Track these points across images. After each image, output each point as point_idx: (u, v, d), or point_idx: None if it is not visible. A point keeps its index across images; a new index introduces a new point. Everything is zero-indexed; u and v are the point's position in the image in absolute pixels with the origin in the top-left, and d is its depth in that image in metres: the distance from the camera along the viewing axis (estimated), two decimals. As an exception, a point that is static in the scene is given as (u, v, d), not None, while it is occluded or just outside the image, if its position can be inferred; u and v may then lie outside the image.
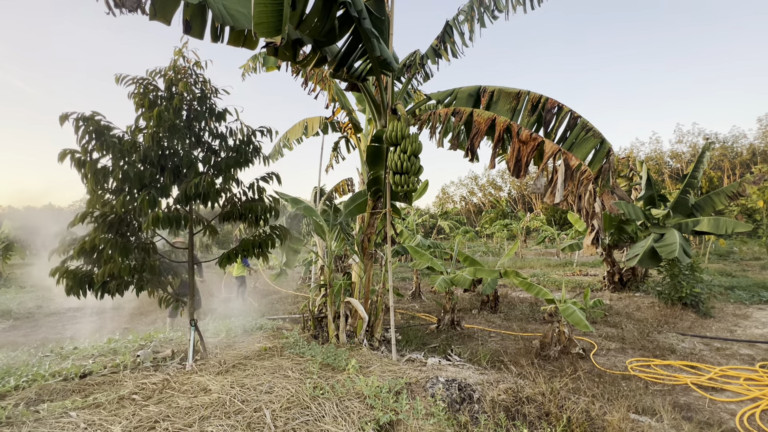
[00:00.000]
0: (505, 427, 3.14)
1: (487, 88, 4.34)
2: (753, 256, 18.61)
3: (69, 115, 3.90)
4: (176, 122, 4.47)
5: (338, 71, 3.90)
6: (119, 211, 4.12)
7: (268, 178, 5.14)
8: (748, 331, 6.86)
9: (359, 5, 2.82)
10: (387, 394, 3.65)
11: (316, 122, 8.08)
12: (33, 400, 3.66)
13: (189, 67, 4.77)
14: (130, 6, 2.42)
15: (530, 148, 3.48)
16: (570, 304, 5.53)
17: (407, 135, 4.21)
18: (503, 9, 4.29)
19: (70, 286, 4.20)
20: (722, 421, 3.82)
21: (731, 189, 8.82)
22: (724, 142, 40.33)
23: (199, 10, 2.98)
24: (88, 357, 5.01)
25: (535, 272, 15.62)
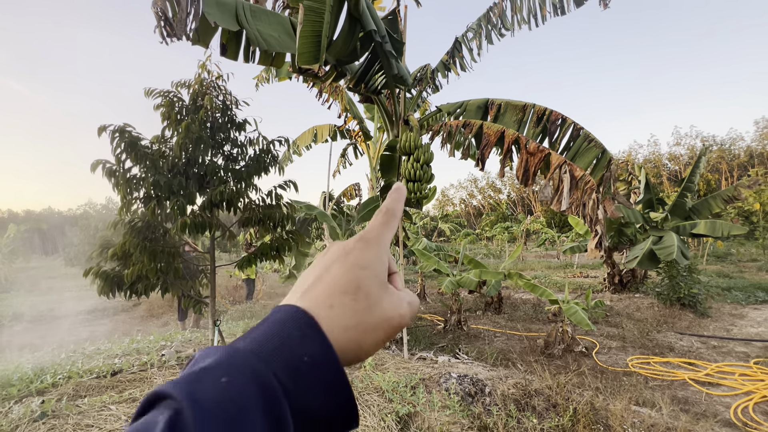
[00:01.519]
0: (515, 417, 3.39)
1: (495, 100, 4.61)
2: (750, 258, 18.91)
3: (107, 127, 4.16)
4: (202, 134, 4.74)
5: (357, 86, 4.17)
6: (151, 217, 4.38)
7: (285, 186, 5.41)
8: (744, 330, 7.12)
9: (382, 31, 3.09)
10: (404, 389, 3.90)
11: (326, 130, 8.37)
12: (71, 395, 3.90)
13: (213, 80, 5.05)
14: (179, 35, 2.69)
15: (537, 159, 3.76)
16: (573, 305, 5.79)
17: (420, 145, 4.48)
18: (510, 27, 4.57)
19: (102, 286, 4.46)
20: (718, 413, 4.07)
21: (727, 193, 9.11)
22: (721, 144, 40.72)
23: (235, 35, 3.25)
24: (114, 356, 5.25)
25: (536, 274, 15.87)
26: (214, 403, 0.23)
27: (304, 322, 0.30)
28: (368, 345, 0.32)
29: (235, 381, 0.24)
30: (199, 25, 2.96)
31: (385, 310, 0.34)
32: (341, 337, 0.31)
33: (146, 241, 4.69)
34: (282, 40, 3.22)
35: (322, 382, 0.28)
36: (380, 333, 0.33)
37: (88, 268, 4.48)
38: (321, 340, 0.29)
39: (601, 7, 4.22)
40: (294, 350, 0.28)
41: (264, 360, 0.27)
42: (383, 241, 0.37)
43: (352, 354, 0.32)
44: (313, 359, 0.28)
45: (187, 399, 0.23)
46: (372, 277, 0.34)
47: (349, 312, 0.32)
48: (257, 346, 0.28)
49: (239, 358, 0.26)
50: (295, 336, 0.29)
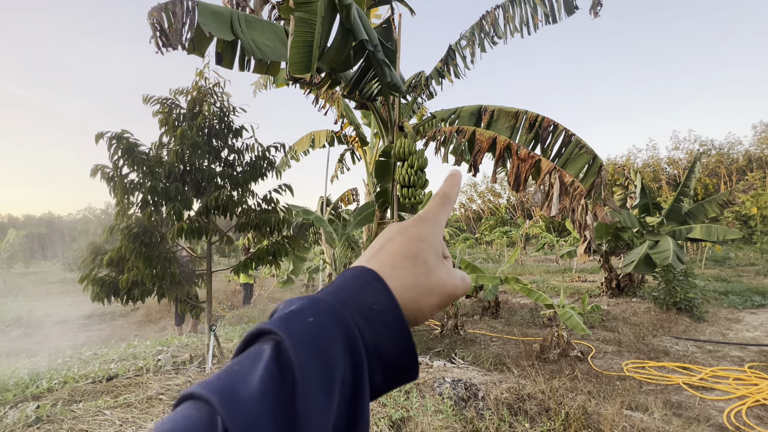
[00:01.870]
0: (507, 422, 3.41)
1: (488, 107, 4.67)
2: (749, 262, 18.92)
3: (104, 134, 4.21)
4: (198, 140, 4.79)
5: (351, 93, 4.23)
6: (147, 222, 4.42)
7: (281, 190, 5.45)
8: (740, 335, 7.13)
9: (374, 40, 3.15)
10: (397, 393, 3.92)
11: (323, 135, 8.43)
12: (67, 400, 3.92)
13: (210, 88, 5.12)
14: (174, 45, 2.75)
15: (528, 165, 3.80)
16: (568, 309, 5.81)
17: (414, 151, 4.53)
18: (502, 35, 4.65)
19: (96, 292, 4.48)
20: (710, 417, 4.09)
21: (722, 197, 9.16)
22: (720, 148, 40.81)
23: (230, 44, 3.31)
24: (110, 361, 5.27)
25: (534, 278, 15.88)
26: (305, 335, 0.28)
27: (372, 277, 0.34)
28: (424, 306, 0.36)
29: (319, 320, 0.30)
30: (195, 35, 3.02)
31: (441, 276, 0.38)
32: (402, 295, 0.35)
33: (142, 246, 4.73)
34: (276, 49, 3.28)
35: (388, 326, 0.32)
36: (434, 297, 0.37)
37: (83, 274, 4.51)
38: (386, 291, 0.34)
39: (592, 15, 4.30)
40: (364, 299, 0.33)
41: (341, 304, 0.31)
42: (439, 220, 0.41)
43: (410, 312, 0.35)
44: (380, 307, 0.33)
45: (285, 332, 0.28)
46: (429, 248, 0.38)
47: (408, 273, 0.36)
48: (335, 295, 0.33)
49: (321, 303, 0.31)
50: (366, 288, 0.34)
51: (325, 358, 0.28)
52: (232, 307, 11.04)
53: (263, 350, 0.28)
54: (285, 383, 0.26)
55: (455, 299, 0.39)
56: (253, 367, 0.27)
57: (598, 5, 4.25)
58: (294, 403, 0.26)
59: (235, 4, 3.65)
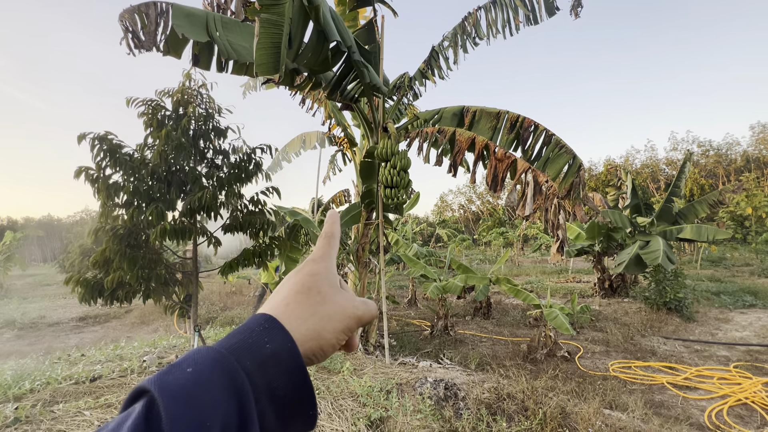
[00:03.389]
0: (485, 421, 3.42)
1: (470, 108, 4.69)
2: (744, 262, 18.93)
3: (86, 135, 4.23)
4: (183, 141, 4.81)
5: (332, 94, 4.26)
6: (129, 223, 4.43)
7: (268, 192, 5.47)
8: (729, 334, 7.14)
9: (349, 41, 3.17)
10: (378, 393, 3.93)
11: (314, 137, 8.46)
12: (48, 401, 3.92)
13: (196, 89, 5.14)
14: (148, 47, 2.77)
15: (505, 165, 3.82)
16: (554, 309, 5.82)
17: (397, 152, 4.55)
18: (483, 36, 4.68)
19: (82, 294, 4.49)
20: (691, 417, 4.09)
21: (712, 197, 9.18)
22: (718, 149, 40.84)
23: (207, 45, 3.34)
24: (96, 362, 5.27)
25: (530, 279, 15.89)
26: (180, 388, 0.27)
27: (264, 319, 0.35)
28: (327, 333, 0.37)
29: (198, 368, 0.29)
30: (169, 37, 3.04)
31: (338, 302, 0.39)
32: (300, 327, 0.35)
33: (127, 247, 4.74)
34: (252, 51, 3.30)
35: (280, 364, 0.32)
36: (336, 322, 0.38)
37: (68, 275, 4.52)
38: (279, 330, 0.34)
39: (573, 16, 4.32)
40: (256, 340, 0.32)
41: (228, 350, 0.31)
42: (328, 256, 0.43)
43: (314, 343, 0.36)
44: (274, 345, 0.32)
45: (156, 388, 0.27)
46: (322, 280, 0.40)
47: (303, 305, 0.37)
48: (224, 343, 0.32)
49: (203, 351, 0.31)
50: (257, 330, 0.33)
51: (199, 406, 0.27)
52: (225, 309, 11.04)
53: (134, 409, 0.27)
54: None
55: (361, 321, 0.40)
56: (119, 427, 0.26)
57: (579, 6, 4.27)
58: None
59: (215, 7, 3.68)
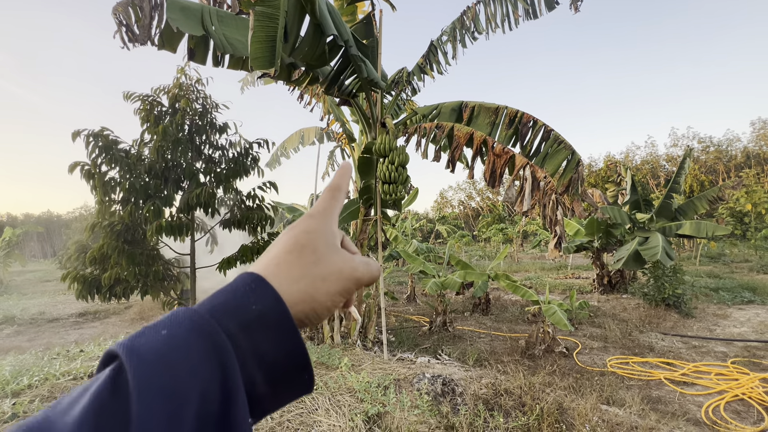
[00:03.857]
0: (482, 417, 3.42)
1: (469, 103, 4.66)
2: (743, 259, 18.95)
3: (81, 132, 4.21)
4: (179, 136, 4.78)
5: (330, 89, 4.22)
6: (126, 220, 4.42)
7: (266, 187, 5.46)
8: (727, 330, 7.15)
9: (345, 35, 3.14)
10: (376, 389, 3.93)
11: (312, 132, 8.42)
12: (46, 396, 3.93)
13: (191, 84, 5.10)
14: (142, 41, 2.74)
15: (503, 160, 3.80)
16: (553, 305, 5.82)
17: (395, 147, 4.53)
18: (482, 31, 4.63)
19: (79, 290, 4.49)
20: (688, 412, 4.10)
21: (711, 193, 9.16)
22: (718, 145, 40.75)
23: (202, 39, 3.30)
24: (95, 358, 5.27)
25: (529, 275, 15.90)
26: (151, 351, 0.24)
27: (251, 278, 0.31)
28: (321, 295, 0.33)
29: (173, 331, 0.26)
30: (164, 31, 3.00)
31: (334, 262, 0.35)
32: (290, 288, 0.32)
33: (125, 244, 4.73)
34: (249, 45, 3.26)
35: (268, 326, 0.29)
36: (331, 284, 0.34)
37: (65, 272, 4.51)
38: (266, 289, 0.31)
39: (572, 11, 4.28)
40: (240, 301, 0.29)
41: (208, 311, 0.28)
42: (329, 213, 0.38)
43: (306, 305, 0.33)
44: (260, 306, 0.29)
45: (126, 353, 0.24)
46: (317, 238, 0.36)
47: (295, 266, 0.33)
48: (204, 303, 0.29)
49: (181, 313, 0.28)
50: (242, 290, 0.30)
51: (174, 371, 0.24)
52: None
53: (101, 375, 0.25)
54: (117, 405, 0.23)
55: (360, 282, 0.36)
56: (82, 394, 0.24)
57: (578, 0, 4.23)
58: (128, 425, 0.22)
59: (211, 0, 3.64)
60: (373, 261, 0.39)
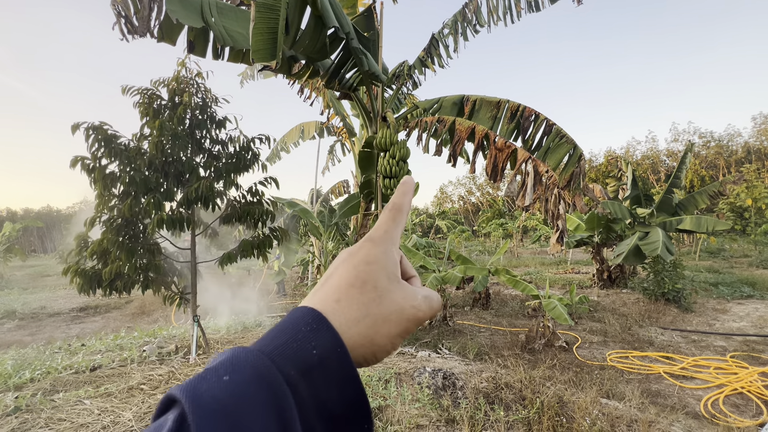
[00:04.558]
0: (483, 410, 3.44)
1: (470, 97, 4.63)
2: (742, 254, 18.99)
3: (80, 125, 4.18)
4: (179, 130, 4.75)
5: (330, 83, 4.19)
6: (126, 214, 4.40)
7: (266, 182, 5.44)
8: (726, 325, 7.18)
9: (347, 27, 3.11)
10: (377, 383, 3.95)
11: (312, 127, 8.38)
12: (48, 390, 3.95)
13: (191, 77, 5.06)
14: (142, 32, 2.71)
15: (505, 154, 3.78)
16: (553, 300, 5.83)
17: (396, 141, 4.51)
18: (484, 23, 4.59)
19: (81, 284, 4.49)
20: (687, 406, 4.13)
21: (713, 188, 9.15)
22: (719, 140, 40.64)
23: (202, 31, 3.27)
24: (96, 352, 5.30)
25: (529, 270, 15.94)
26: (214, 400, 0.24)
27: (311, 317, 0.30)
28: (381, 338, 0.32)
29: (235, 378, 0.25)
30: (164, 23, 2.97)
31: (396, 300, 0.33)
32: (350, 331, 0.30)
33: (125, 238, 4.72)
34: (249, 37, 3.23)
35: (330, 374, 0.28)
36: (392, 325, 0.32)
37: (66, 266, 4.51)
38: (328, 331, 0.29)
39: (575, 3, 4.24)
40: (302, 344, 0.28)
41: (269, 355, 0.27)
42: (391, 237, 0.36)
43: (366, 350, 0.31)
44: (321, 351, 0.28)
45: (188, 399, 0.24)
46: (379, 270, 0.33)
47: (355, 304, 0.32)
48: (266, 344, 0.28)
49: (243, 356, 0.27)
50: (303, 331, 0.29)
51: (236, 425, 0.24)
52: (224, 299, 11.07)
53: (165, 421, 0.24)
54: None
55: (420, 323, 0.34)
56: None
57: (581, -7, 4.18)
58: None
59: (211, -8, 3.59)
60: (434, 294, 0.36)
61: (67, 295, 13.87)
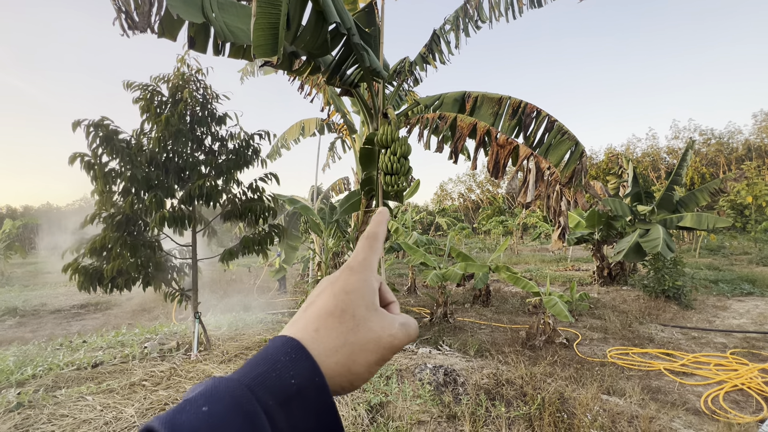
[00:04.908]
0: (484, 406, 3.45)
1: (471, 93, 4.62)
2: (742, 251, 19.00)
3: (81, 122, 4.17)
4: (180, 127, 4.74)
5: (331, 79, 4.18)
6: (128, 211, 4.40)
7: (267, 179, 5.43)
8: (726, 322, 7.19)
9: (348, 23, 3.09)
10: (378, 379, 3.96)
11: (313, 123, 8.36)
12: (50, 386, 3.96)
13: (191, 74, 5.04)
14: (142, 28, 2.70)
15: (507, 151, 3.77)
16: (553, 297, 5.84)
17: (397, 138, 4.49)
18: (486, 19, 4.57)
19: (81, 281, 4.48)
20: (688, 402, 4.14)
21: (713, 185, 9.15)
22: (719, 138, 40.56)
23: (203, 27, 3.25)
24: (98, 349, 5.31)
25: (529, 267, 15.95)
26: (192, 431, 0.24)
27: (290, 346, 0.31)
28: (358, 367, 0.32)
29: (214, 409, 0.25)
30: (164, 18, 2.95)
31: (373, 329, 0.33)
32: (329, 360, 0.31)
33: (126, 235, 4.72)
34: (250, 33, 3.22)
35: (307, 404, 0.28)
36: (369, 354, 0.33)
37: (66, 264, 4.50)
38: (307, 359, 0.30)
39: None
40: (280, 373, 0.29)
41: (248, 386, 0.27)
42: (369, 264, 0.37)
43: (343, 378, 0.32)
44: (300, 380, 0.29)
45: (167, 431, 0.24)
46: (358, 299, 0.34)
47: (334, 333, 0.32)
48: (245, 374, 0.29)
49: (222, 387, 0.27)
50: (282, 360, 0.30)
51: None
52: (225, 296, 11.09)
53: None
54: None
55: (397, 350, 0.35)
56: None
57: (584, -12, 4.16)
58: None
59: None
60: (411, 321, 0.37)
61: (67, 292, 13.89)
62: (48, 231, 36.79)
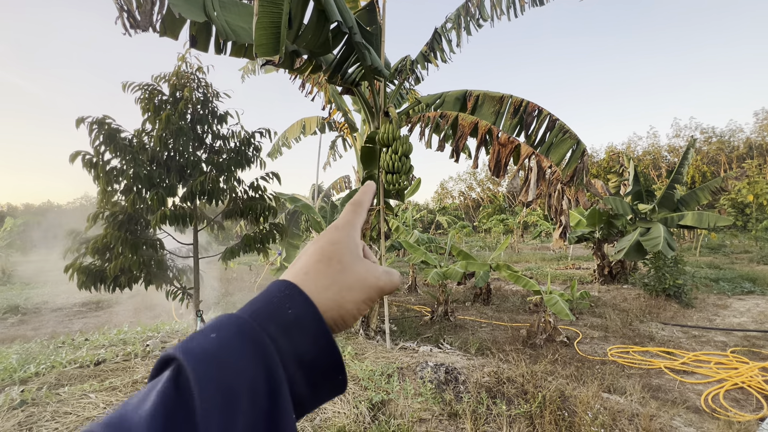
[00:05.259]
0: (485, 404, 3.47)
1: (473, 92, 4.61)
2: (743, 250, 18.99)
3: (84, 119, 4.17)
4: (182, 125, 4.74)
5: (333, 78, 4.17)
6: (130, 209, 4.41)
7: (268, 178, 5.43)
8: (727, 320, 7.20)
9: (350, 21, 3.09)
10: (380, 377, 3.98)
11: (314, 122, 8.36)
12: (53, 384, 3.98)
13: (192, 72, 5.04)
14: (144, 26, 2.70)
15: (508, 150, 3.77)
16: (554, 295, 5.85)
17: (398, 137, 4.50)
18: (488, 18, 4.56)
19: (82, 281, 4.50)
20: (688, 400, 4.15)
21: (714, 184, 9.14)
22: (721, 136, 40.49)
23: (204, 26, 3.25)
24: (100, 347, 5.33)
25: (529, 266, 15.96)
26: (204, 350, 0.27)
27: (284, 286, 0.34)
28: (348, 304, 0.36)
29: (222, 334, 0.29)
30: (166, 17, 2.95)
31: (358, 272, 0.37)
32: (320, 297, 0.35)
33: (128, 233, 4.73)
34: (251, 32, 3.22)
35: (304, 329, 0.32)
36: (357, 292, 0.37)
37: (68, 264, 4.51)
38: (299, 294, 0.33)
39: (579, -3, 4.20)
40: (278, 306, 0.32)
41: (250, 316, 0.31)
42: (353, 224, 0.41)
43: (335, 313, 0.35)
44: (296, 310, 0.32)
45: (182, 354, 0.27)
46: (343, 248, 0.38)
47: (322, 275, 0.36)
48: (245, 310, 0.32)
49: (225, 319, 0.30)
50: (277, 296, 0.33)
51: (226, 369, 0.27)
52: (227, 294, 11.12)
53: (162, 376, 0.27)
54: (181, 399, 0.26)
55: (383, 292, 0.39)
56: (149, 393, 0.27)
57: (586, -14, 4.15)
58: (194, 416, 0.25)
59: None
60: (393, 271, 0.41)
61: (68, 290, 13.91)
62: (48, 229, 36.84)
